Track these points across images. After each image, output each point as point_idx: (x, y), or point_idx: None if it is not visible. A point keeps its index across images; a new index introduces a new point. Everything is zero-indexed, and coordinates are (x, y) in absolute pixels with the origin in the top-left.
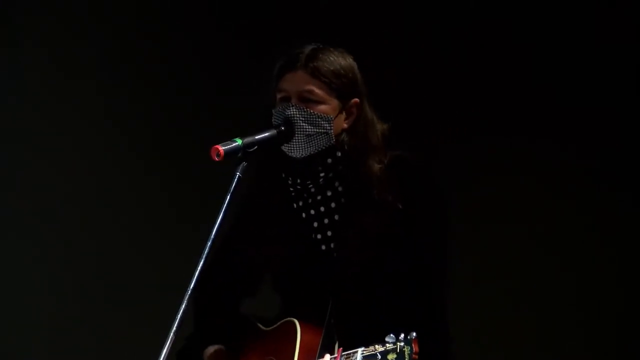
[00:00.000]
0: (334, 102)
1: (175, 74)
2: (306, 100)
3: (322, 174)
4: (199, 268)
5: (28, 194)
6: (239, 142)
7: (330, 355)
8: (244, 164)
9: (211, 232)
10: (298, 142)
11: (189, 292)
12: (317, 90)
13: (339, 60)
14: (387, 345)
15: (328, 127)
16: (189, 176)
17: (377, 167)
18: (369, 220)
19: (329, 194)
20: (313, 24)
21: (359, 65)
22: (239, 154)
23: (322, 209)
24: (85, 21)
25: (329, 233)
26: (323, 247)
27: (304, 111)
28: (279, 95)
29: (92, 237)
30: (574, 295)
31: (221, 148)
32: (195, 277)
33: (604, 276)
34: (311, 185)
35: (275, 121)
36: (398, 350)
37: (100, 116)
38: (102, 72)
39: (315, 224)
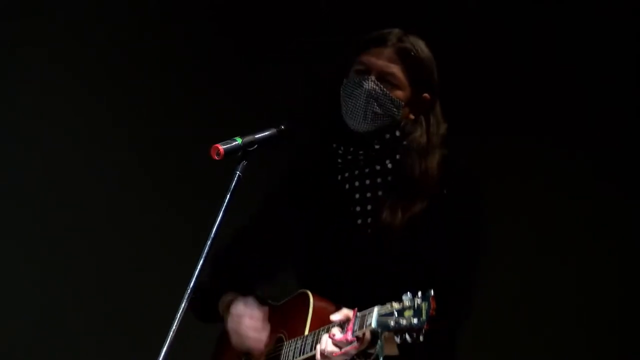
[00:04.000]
0: (408, 90)
1: (175, 74)
2: (386, 80)
3: (376, 147)
4: (199, 267)
5: (28, 194)
6: (239, 141)
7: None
8: (244, 162)
9: (211, 231)
10: (366, 117)
11: (189, 292)
12: (398, 74)
13: (424, 50)
14: (404, 302)
15: (396, 113)
16: (189, 175)
17: (435, 164)
18: (413, 211)
19: (378, 168)
20: (313, 24)
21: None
22: (239, 153)
23: (367, 181)
24: (84, 21)
25: (369, 207)
26: (359, 221)
27: (382, 90)
28: (356, 67)
29: (92, 237)
30: (574, 295)
31: (221, 147)
32: (195, 277)
33: (604, 276)
34: (362, 157)
35: (345, 92)
36: (415, 307)
37: (100, 116)
38: (101, 72)
39: (357, 196)
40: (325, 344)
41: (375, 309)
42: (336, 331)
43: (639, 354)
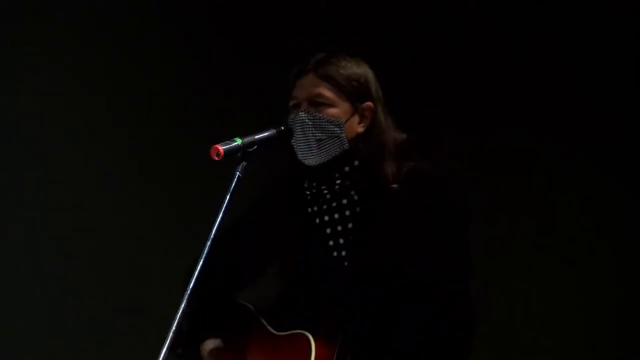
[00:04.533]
0: (345, 105)
1: (175, 74)
2: (316, 104)
3: (338, 181)
4: (199, 268)
5: (27, 194)
6: (238, 141)
7: None
8: (244, 163)
9: (211, 232)
10: (311, 148)
11: (189, 291)
12: (326, 93)
13: (352, 67)
14: None
15: (339, 131)
16: (188, 176)
17: (390, 174)
18: (383, 231)
19: (344, 202)
20: (313, 24)
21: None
22: (239, 154)
23: (336, 216)
24: (84, 21)
25: (341, 240)
26: (335, 254)
27: (313, 115)
28: (290, 103)
29: (92, 237)
30: (575, 295)
31: (221, 148)
32: (195, 277)
33: (605, 276)
34: (326, 192)
35: (287, 130)
36: None
37: (100, 116)
38: (101, 72)
39: (329, 230)
40: None
41: None
42: None
43: (639, 354)
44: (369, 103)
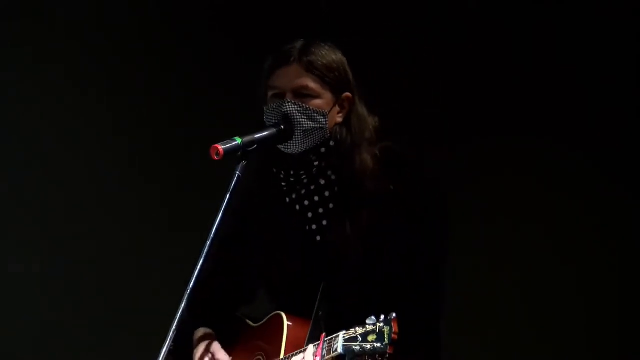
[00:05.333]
0: (328, 96)
1: (175, 74)
2: (301, 95)
3: (315, 163)
4: (199, 267)
5: (27, 194)
6: (238, 141)
7: (315, 342)
8: (244, 162)
9: (211, 231)
10: (296, 138)
11: (189, 291)
12: (312, 85)
13: (330, 55)
14: (367, 326)
15: (324, 122)
16: (188, 175)
17: (369, 160)
18: (363, 210)
19: (322, 182)
20: (313, 24)
21: (350, 62)
22: (239, 153)
23: (316, 198)
24: (84, 21)
25: (325, 222)
26: (318, 238)
27: (301, 106)
28: (271, 92)
29: (92, 237)
30: (575, 295)
31: (221, 147)
32: (194, 276)
33: (605, 275)
34: (304, 176)
35: (269, 120)
36: (377, 331)
37: (99, 116)
38: (101, 72)
39: (310, 214)
40: None
41: (341, 335)
42: (307, 356)
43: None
44: (348, 94)
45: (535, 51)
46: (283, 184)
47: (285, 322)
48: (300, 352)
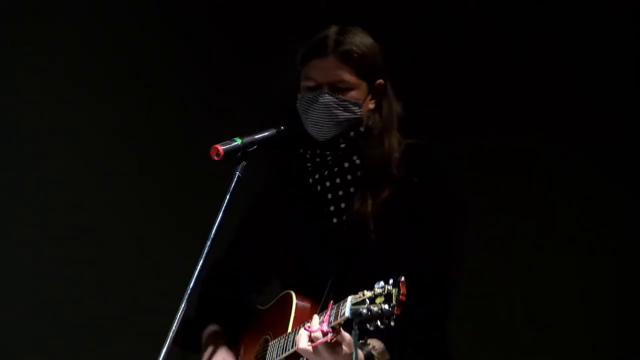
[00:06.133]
0: (363, 86)
1: (175, 74)
2: (338, 88)
3: (342, 146)
4: (199, 267)
5: (27, 194)
6: (238, 141)
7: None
8: (244, 163)
9: (211, 231)
10: (329, 127)
11: (189, 291)
12: (348, 77)
13: (364, 43)
14: (376, 289)
15: (359, 112)
16: (188, 176)
17: (396, 147)
18: (383, 196)
19: (346, 165)
20: (313, 24)
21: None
22: (239, 154)
23: (337, 180)
24: (84, 21)
25: (343, 205)
26: (335, 220)
27: (338, 98)
28: (306, 83)
29: (92, 237)
30: (575, 295)
31: (221, 147)
32: (195, 277)
33: (605, 275)
34: (330, 157)
35: (302, 108)
36: (385, 293)
37: (100, 116)
38: (101, 72)
39: (330, 196)
40: (301, 336)
41: (349, 299)
42: (313, 323)
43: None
44: (381, 81)
45: (535, 51)
46: (308, 164)
47: (294, 300)
48: (307, 323)
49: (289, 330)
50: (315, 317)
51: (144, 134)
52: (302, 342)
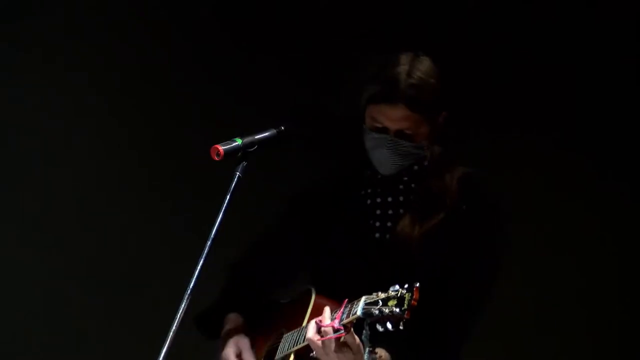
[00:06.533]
0: (428, 124)
1: (175, 74)
2: (404, 135)
3: (405, 178)
4: (199, 267)
5: (28, 193)
6: (238, 141)
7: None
8: (244, 163)
9: (211, 232)
10: (392, 166)
11: (189, 292)
12: (416, 123)
13: (434, 83)
14: (390, 292)
15: (422, 153)
16: (188, 176)
17: (455, 180)
18: (432, 224)
19: (401, 187)
20: (313, 24)
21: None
22: (239, 154)
23: (389, 199)
24: (84, 21)
25: (389, 224)
26: (377, 235)
27: (404, 144)
28: (373, 123)
29: (92, 237)
30: (575, 295)
31: (221, 148)
32: (195, 277)
33: (605, 275)
34: (389, 179)
35: (367, 142)
36: (399, 296)
37: (100, 116)
38: (101, 72)
39: (378, 212)
40: (310, 326)
41: (363, 298)
42: (325, 316)
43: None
44: (445, 113)
45: (535, 51)
46: (367, 173)
47: (313, 296)
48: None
49: (304, 324)
50: (327, 311)
51: (144, 134)
52: (310, 332)
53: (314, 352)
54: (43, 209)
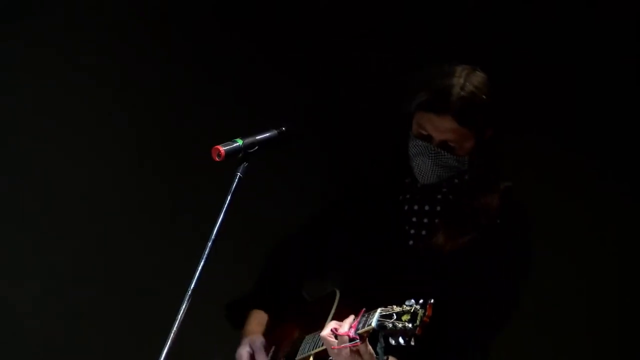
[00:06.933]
0: (472, 140)
1: (175, 74)
2: (448, 147)
3: (444, 190)
4: (200, 268)
5: (28, 193)
6: (239, 142)
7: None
8: (245, 164)
9: (212, 232)
10: (432, 177)
11: (189, 292)
12: (461, 137)
13: (485, 99)
14: (405, 307)
15: (464, 166)
16: (189, 177)
17: (495, 202)
18: (463, 235)
19: (439, 197)
20: (313, 24)
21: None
22: (240, 154)
23: (426, 207)
24: (85, 21)
25: (423, 232)
26: (411, 242)
27: (446, 156)
28: (419, 130)
29: (93, 238)
30: (575, 295)
31: (222, 148)
32: (196, 277)
33: (605, 275)
34: (428, 189)
35: (411, 149)
36: (412, 312)
37: (100, 116)
38: (101, 72)
39: (414, 219)
40: (327, 327)
41: (378, 310)
42: (344, 324)
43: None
44: (490, 130)
45: (535, 51)
46: (406, 181)
47: (337, 299)
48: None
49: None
50: (350, 318)
51: (144, 135)
52: (325, 331)
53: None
54: (43, 209)
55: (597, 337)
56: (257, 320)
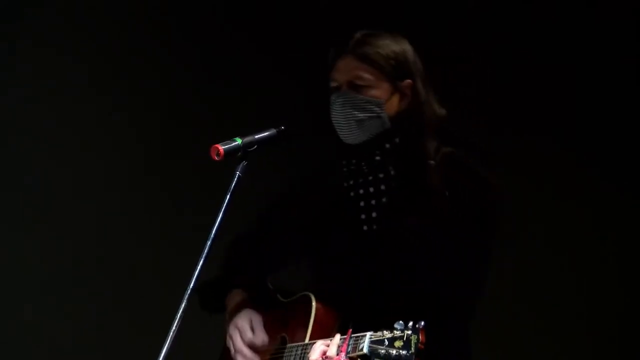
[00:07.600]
0: (385, 85)
1: (175, 74)
2: (356, 86)
3: (377, 157)
4: (199, 267)
5: (29, 193)
6: (238, 141)
7: (341, 335)
8: (244, 163)
9: (211, 232)
10: (351, 129)
11: (189, 292)
12: (365, 75)
13: (388, 43)
14: (395, 332)
15: (379, 111)
16: (188, 176)
17: (431, 153)
18: (416, 209)
19: (381, 175)
20: (313, 24)
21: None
22: (239, 153)
23: (371, 189)
24: (84, 21)
25: (374, 214)
26: (365, 228)
27: (353, 97)
28: (331, 85)
29: (93, 237)
30: (575, 295)
31: (221, 147)
32: (195, 276)
33: (605, 275)
34: (365, 166)
35: (330, 112)
36: (405, 338)
37: (100, 116)
38: (101, 72)
39: (362, 204)
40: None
41: (368, 335)
42: (331, 349)
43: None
44: (409, 80)
45: (535, 51)
46: (345, 169)
47: (314, 306)
48: (327, 340)
49: (307, 339)
50: (337, 338)
51: (143, 134)
52: (313, 355)
53: None
54: (43, 209)
55: (597, 337)
56: (241, 297)
